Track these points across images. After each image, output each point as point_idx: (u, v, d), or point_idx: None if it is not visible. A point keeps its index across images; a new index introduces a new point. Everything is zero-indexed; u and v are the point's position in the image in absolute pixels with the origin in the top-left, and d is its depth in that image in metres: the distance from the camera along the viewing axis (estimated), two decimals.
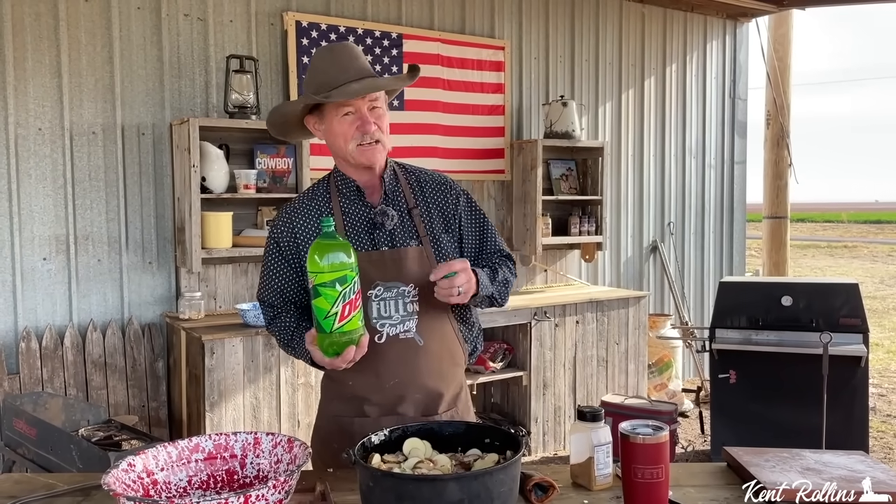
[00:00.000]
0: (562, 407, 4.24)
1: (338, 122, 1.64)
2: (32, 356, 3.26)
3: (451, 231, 1.75)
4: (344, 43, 1.69)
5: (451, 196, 1.77)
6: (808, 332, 3.66)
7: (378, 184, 1.72)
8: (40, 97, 3.32)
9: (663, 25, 5.36)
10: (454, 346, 1.73)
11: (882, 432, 4.67)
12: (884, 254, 19.21)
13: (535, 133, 4.75)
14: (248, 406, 3.21)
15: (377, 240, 1.67)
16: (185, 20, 3.61)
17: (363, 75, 1.62)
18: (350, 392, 1.68)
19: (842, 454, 1.56)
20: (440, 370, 1.69)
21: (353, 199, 1.71)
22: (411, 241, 1.69)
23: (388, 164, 1.74)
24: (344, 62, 1.62)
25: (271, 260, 1.74)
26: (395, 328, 1.64)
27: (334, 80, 1.60)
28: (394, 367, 1.64)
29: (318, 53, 1.67)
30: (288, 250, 1.71)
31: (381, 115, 1.66)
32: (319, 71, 1.64)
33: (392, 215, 1.67)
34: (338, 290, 1.41)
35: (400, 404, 1.66)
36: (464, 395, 1.79)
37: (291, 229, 1.71)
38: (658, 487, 1.33)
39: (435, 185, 1.77)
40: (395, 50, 4.11)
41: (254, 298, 3.75)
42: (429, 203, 1.74)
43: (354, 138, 1.63)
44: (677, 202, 5.52)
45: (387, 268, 1.64)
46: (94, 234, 3.45)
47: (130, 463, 1.27)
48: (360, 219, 1.69)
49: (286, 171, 3.69)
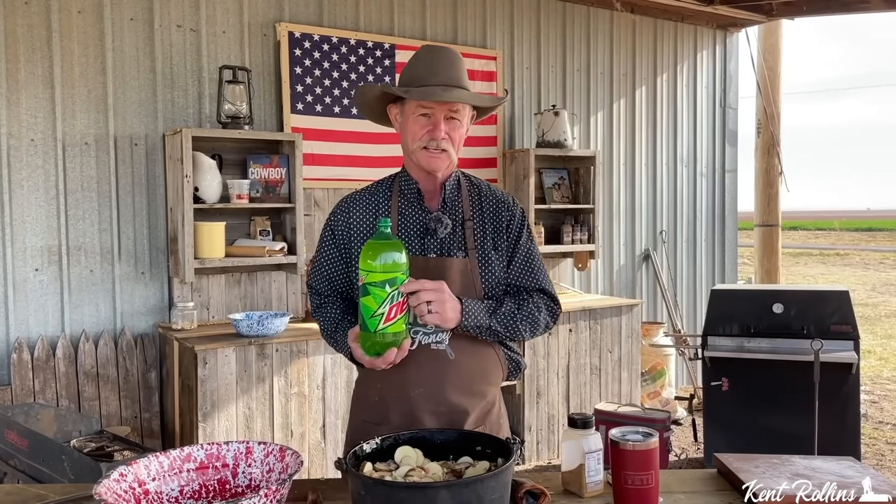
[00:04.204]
0: (555, 415, 4.25)
1: (413, 119, 1.65)
2: (24, 367, 3.25)
3: (499, 249, 1.71)
4: (448, 48, 1.70)
5: (504, 213, 1.74)
6: (799, 340, 3.67)
7: (438, 190, 1.72)
8: (33, 108, 3.32)
9: (654, 35, 5.40)
10: (490, 364, 1.70)
11: (874, 439, 4.69)
12: (875, 261, 19.31)
13: (527, 142, 4.77)
14: (241, 416, 3.21)
15: (427, 246, 1.67)
16: (177, 31, 3.62)
17: (452, 83, 1.62)
18: (377, 396, 1.68)
19: (831, 460, 1.57)
20: (468, 387, 1.66)
21: (411, 201, 1.71)
22: (459, 252, 1.67)
23: (454, 174, 1.74)
24: (438, 66, 1.63)
25: (324, 247, 1.77)
26: (428, 337, 1.63)
27: (422, 79, 1.62)
28: (421, 377, 1.63)
29: (422, 50, 1.69)
30: (341, 239, 1.73)
31: (456, 127, 1.66)
32: (415, 66, 1.66)
33: (446, 223, 1.67)
34: (387, 291, 1.41)
35: (423, 415, 1.63)
36: (495, 413, 1.74)
37: (347, 220, 1.73)
38: (648, 494, 1.33)
39: (494, 200, 1.75)
40: (387, 60, 4.14)
41: (246, 308, 3.76)
42: (484, 217, 1.72)
43: (422, 140, 1.64)
44: (669, 210, 5.55)
45: (429, 275, 1.60)
46: (86, 245, 3.45)
47: (122, 473, 1.27)
48: (414, 222, 1.70)
49: (279, 181, 3.69)
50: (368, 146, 4.10)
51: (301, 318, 3.83)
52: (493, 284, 1.69)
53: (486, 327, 1.63)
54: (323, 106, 3.96)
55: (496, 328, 1.64)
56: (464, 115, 1.68)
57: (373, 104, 1.75)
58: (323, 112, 3.96)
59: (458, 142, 1.68)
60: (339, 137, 4.01)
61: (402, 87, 1.65)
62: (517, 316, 1.67)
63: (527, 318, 1.68)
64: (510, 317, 1.66)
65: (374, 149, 4.11)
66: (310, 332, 3.47)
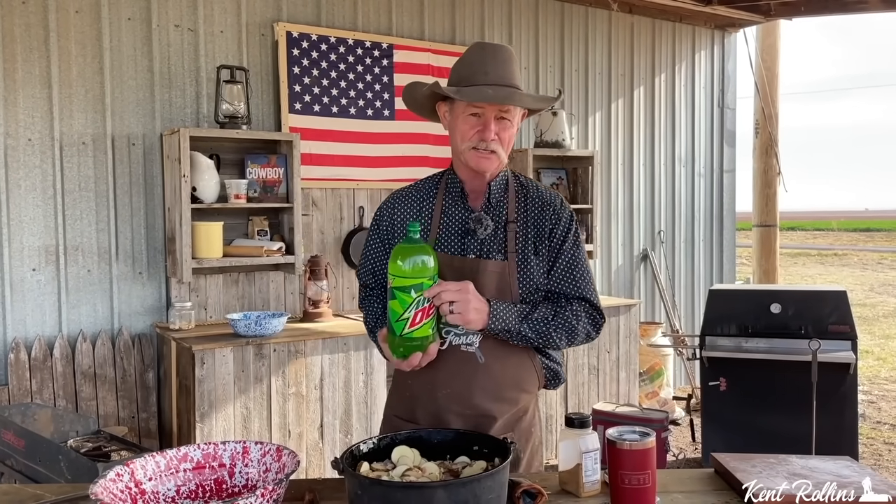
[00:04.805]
0: (553, 416, 4.25)
1: (463, 119, 1.63)
2: (21, 367, 3.24)
3: (540, 254, 1.66)
4: (501, 46, 1.65)
5: (549, 216, 1.68)
6: (797, 340, 3.68)
7: (484, 190, 1.69)
8: (30, 108, 3.31)
9: (652, 36, 5.40)
10: (524, 371, 1.66)
11: (872, 439, 4.69)
12: (873, 261, 19.34)
13: (525, 142, 4.77)
14: (239, 416, 3.20)
15: (466, 246, 1.65)
16: (175, 31, 3.62)
17: (503, 83, 1.59)
18: (408, 392, 1.69)
19: (828, 460, 1.57)
20: (497, 393, 1.63)
21: (455, 199, 1.70)
22: (498, 254, 1.64)
23: (502, 174, 1.71)
24: (490, 65, 1.60)
25: (371, 239, 1.78)
26: (459, 339, 1.62)
27: (473, 78, 1.60)
28: (449, 378, 1.62)
29: (473, 47, 1.66)
30: (385, 233, 1.74)
31: (506, 127, 1.63)
32: (466, 64, 1.64)
33: (487, 224, 1.64)
34: (412, 297, 1.42)
35: (449, 416, 1.62)
36: (527, 421, 1.70)
37: (392, 214, 1.74)
38: (645, 493, 1.33)
39: (540, 202, 1.69)
40: (385, 60, 4.13)
41: (244, 308, 3.76)
42: (528, 220, 1.67)
43: (471, 140, 1.62)
44: (667, 211, 5.55)
45: (465, 276, 1.58)
46: (84, 245, 3.44)
47: (118, 473, 1.27)
48: (456, 221, 1.68)
49: (277, 181, 3.69)
50: (367, 146, 4.09)
51: (299, 318, 3.83)
52: (530, 289, 1.65)
53: (516, 332, 1.59)
54: (321, 106, 3.96)
55: (527, 333, 1.59)
56: (514, 115, 1.64)
57: (422, 101, 1.73)
58: (321, 112, 3.96)
59: (508, 142, 1.65)
60: (337, 137, 4.01)
61: (452, 85, 1.63)
62: (552, 323, 1.61)
63: (563, 326, 1.62)
64: (543, 323, 1.61)
65: (373, 149, 4.11)
66: (308, 332, 3.46)
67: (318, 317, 3.71)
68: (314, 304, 3.74)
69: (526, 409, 1.70)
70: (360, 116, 4.07)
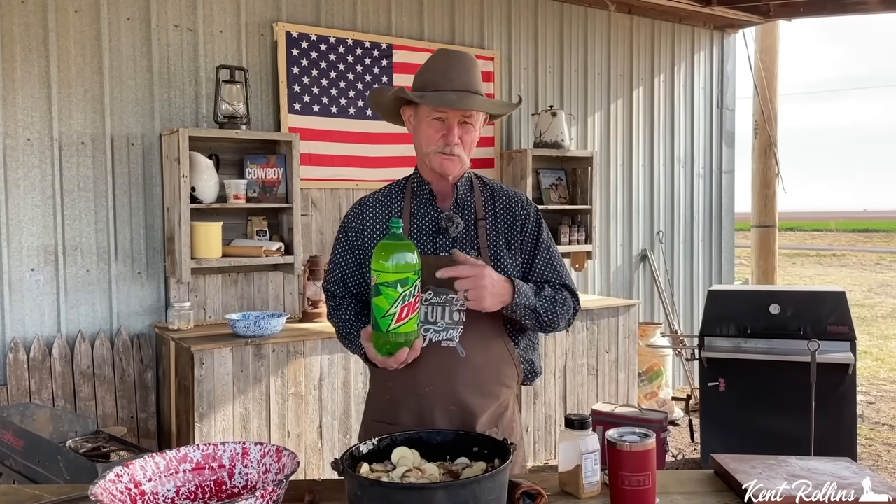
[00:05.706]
0: (552, 416, 4.25)
1: (427, 123, 1.67)
2: (20, 367, 3.24)
3: (512, 248, 1.72)
4: (464, 53, 1.71)
5: (518, 212, 1.75)
6: (796, 341, 3.68)
7: (451, 191, 1.74)
8: (29, 108, 3.31)
9: (651, 36, 5.40)
10: (503, 365, 1.69)
11: (870, 440, 4.70)
12: (872, 262, 19.36)
13: (524, 143, 4.77)
14: (238, 417, 3.20)
15: (439, 245, 1.69)
16: (174, 31, 3.62)
17: (466, 89, 1.64)
18: (388, 395, 1.68)
19: (828, 461, 1.57)
20: (480, 386, 1.65)
21: (424, 201, 1.73)
22: (471, 251, 1.69)
23: (466, 175, 1.76)
24: (453, 71, 1.65)
25: (339, 248, 1.78)
26: (438, 335, 1.64)
27: (436, 84, 1.64)
28: (431, 375, 1.63)
29: (437, 54, 1.71)
30: (355, 241, 1.75)
31: (469, 131, 1.68)
32: (429, 70, 1.68)
33: (457, 222, 1.68)
34: (398, 292, 1.43)
35: (433, 415, 1.63)
36: (508, 416, 1.73)
37: (360, 221, 1.75)
38: (644, 495, 1.33)
39: (506, 199, 1.76)
40: (384, 60, 4.13)
41: (243, 308, 3.75)
42: (497, 217, 1.74)
43: (436, 144, 1.66)
44: (666, 211, 5.55)
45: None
46: (82, 245, 3.44)
47: (118, 474, 1.27)
48: (426, 222, 1.71)
49: (276, 181, 3.69)
50: (366, 146, 4.09)
51: (298, 318, 3.83)
52: None
53: (533, 307, 1.63)
54: (320, 106, 3.96)
55: (539, 310, 1.65)
56: (477, 120, 1.70)
57: (387, 105, 1.77)
58: (320, 112, 3.96)
59: (471, 145, 1.70)
60: (336, 137, 4.01)
61: (417, 90, 1.67)
62: (556, 301, 1.68)
63: (562, 306, 1.70)
64: (551, 302, 1.67)
65: (372, 149, 4.11)
66: (307, 332, 3.46)
67: (318, 317, 3.71)
68: (313, 305, 3.74)
69: (507, 405, 1.74)
70: (360, 117, 4.07)
